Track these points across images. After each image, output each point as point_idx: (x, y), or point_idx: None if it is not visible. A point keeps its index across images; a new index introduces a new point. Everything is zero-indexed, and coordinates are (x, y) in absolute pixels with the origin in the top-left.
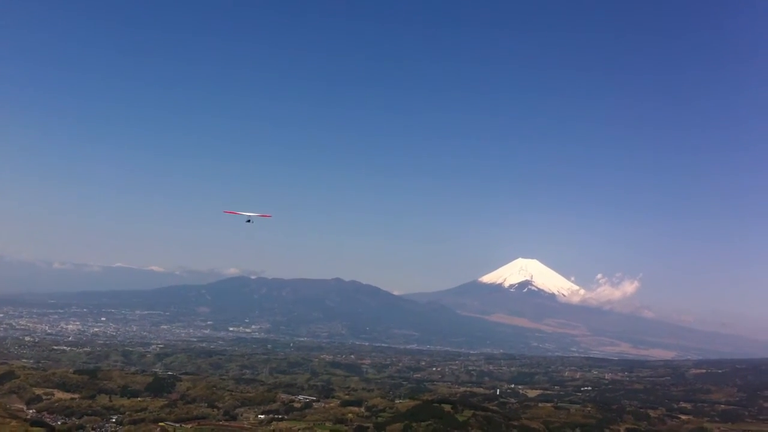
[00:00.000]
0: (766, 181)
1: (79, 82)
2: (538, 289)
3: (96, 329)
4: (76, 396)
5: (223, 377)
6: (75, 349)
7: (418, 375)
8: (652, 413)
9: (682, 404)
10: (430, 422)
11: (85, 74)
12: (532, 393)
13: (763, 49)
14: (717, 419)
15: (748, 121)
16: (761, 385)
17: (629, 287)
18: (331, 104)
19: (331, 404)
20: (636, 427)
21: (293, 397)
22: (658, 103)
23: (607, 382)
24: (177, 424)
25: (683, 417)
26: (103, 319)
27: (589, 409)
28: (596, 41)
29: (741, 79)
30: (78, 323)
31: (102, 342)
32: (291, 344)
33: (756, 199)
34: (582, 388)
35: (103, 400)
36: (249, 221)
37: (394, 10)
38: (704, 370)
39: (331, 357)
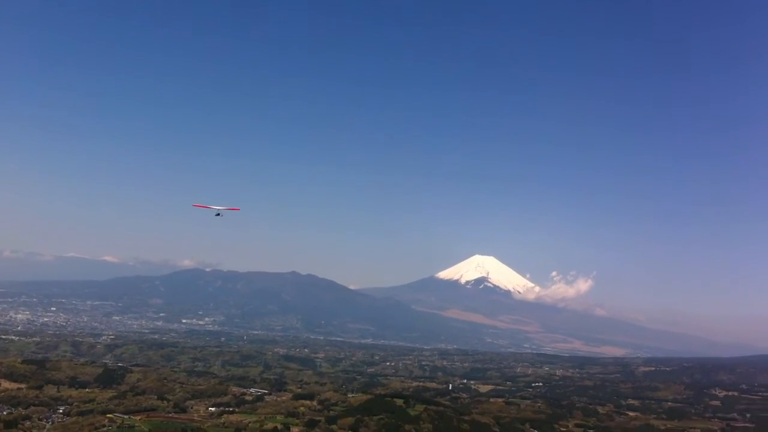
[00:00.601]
0: (717, 185)
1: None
2: (494, 285)
3: (46, 319)
4: (23, 386)
5: (175, 369)
6: (24, 338)
7: (372, 369)
8: (600, 409)
9: (630, 401)
10: (381, 416)
11: (65, 67)
12: (484, 388)
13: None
14: (664, 416)
15: (707, 126)
16: (708, 384)
17: (583, 285)
18: (290, 98)
19: (283, 397)
20: (585, 422)
21: (245, 390)
22: (613, 104)
23: (558, 378)
24: (125, 416)
25: (631, 414)
26: (53, 309)
27: (539, 404)
28: (546, 40)
29: (691, 81)
30: (28, 313)
31: (52, 332)
32: (245, 337)
33: (707, 202)
34: (533, 384)
35: (50, 390)
36: (218, 215)
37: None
38: (653, 368)
39: (285, 350)
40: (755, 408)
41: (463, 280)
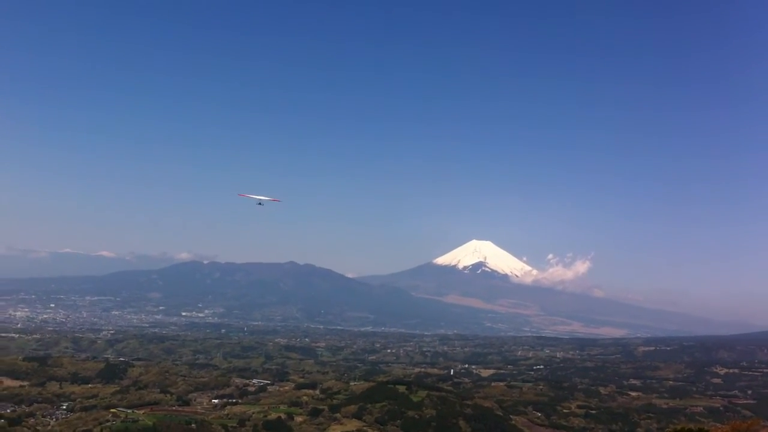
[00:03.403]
0: (712, 165)
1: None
2: (492, 270)
3: (45, 316)
4: (25, 383)
5: (176, 362)
6: (24, 336)
7: (373, 357)
8: (602, 390)
9: (632, 381)
10: (384, 404)
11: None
12: (485, 372)
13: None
14: (665, 395)
15: (701, 103)
16: (708, 362)
17: (581, 267)
18: (282, 88)
19: (286, 387)
20: (587, 403)
21: (247, 381)
22: (607, 85)
23: (558, 360)
24: (129, 410)
25: (633, 393)
26: (52, 305)
27: (541, 387)
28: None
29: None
30: (27, 310)
31: (51, 329)
32: (245, 328)
33: (703, 182)
34: (534, 367)
35: (53, 387)
36: (260, 204)
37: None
38: (653, 348)
39: (286, 340)
40: (756, 384)
41: (460, 266)
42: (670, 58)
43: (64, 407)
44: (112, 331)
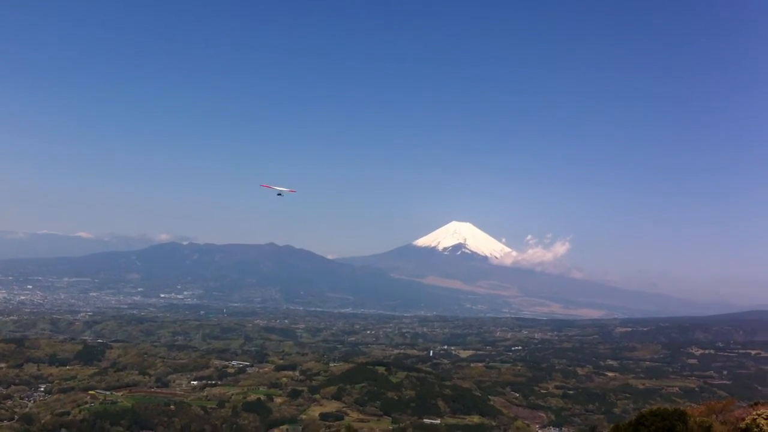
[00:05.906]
0: (690, 149)
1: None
2: (471, 251)
3: (22, 297)
4: (2, 365)
5: (155, 344)
6: (1, 317)
7: (353, 338)
8: (580, 371)
9: (609, 362)
10: (364, 384)
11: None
12: (464, 354)
13: None
14: (642, 376)
15: (676, 92)
16: (684, 342)
17: (560, 248)
18: (260, 63)
19: (265, 369)
20: (564, 384)
21: (227, 362)
22: (585, 71)
23: (537, 341)
24: (107, 392)
25: (610, 374)
26: (29, 287)
27: (519, 368)
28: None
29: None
30: (3, 291)
31: (29, 310)
32: (224, 310)
33: (681, 165)
34: (513, 348)
35: (31, 369)
36: (279, 194)
37: None
38: (630, 329)
39: (265, 322)
40: (731, 365)
41: (440, 247)
42: (649, 48)
43: (42, 389)
44: (90, 313)
